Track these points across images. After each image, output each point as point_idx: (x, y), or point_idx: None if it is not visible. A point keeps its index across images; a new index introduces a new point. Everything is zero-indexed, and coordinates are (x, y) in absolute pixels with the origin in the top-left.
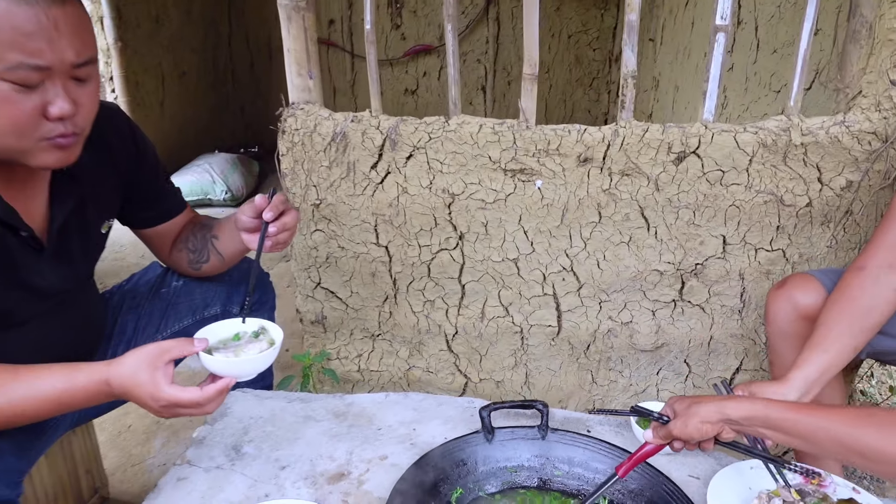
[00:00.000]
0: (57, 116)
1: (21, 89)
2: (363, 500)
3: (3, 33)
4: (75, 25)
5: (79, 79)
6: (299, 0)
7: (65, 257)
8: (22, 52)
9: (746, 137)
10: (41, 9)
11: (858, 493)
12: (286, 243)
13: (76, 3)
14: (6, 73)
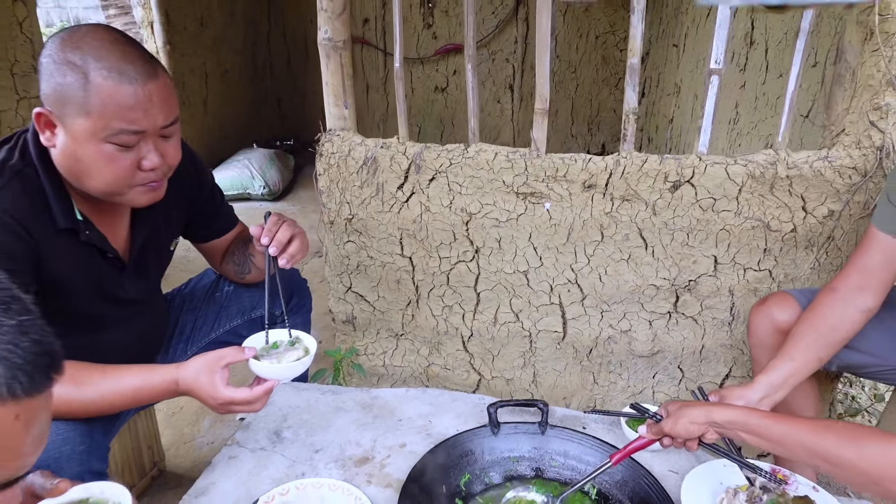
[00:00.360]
0: (149, 168)
1: (122, 149)
2: (384, 481)
3: (109, 108)
4: (164, 95)
5: (165, 136)
6: (337, 41)
7: (142, 273)
8: (123, 121)
9: (736, 169)
10: (139, 85)
11: (817, 491)
12: (298, 253)
13: (165, 75)
14: (111, 137)
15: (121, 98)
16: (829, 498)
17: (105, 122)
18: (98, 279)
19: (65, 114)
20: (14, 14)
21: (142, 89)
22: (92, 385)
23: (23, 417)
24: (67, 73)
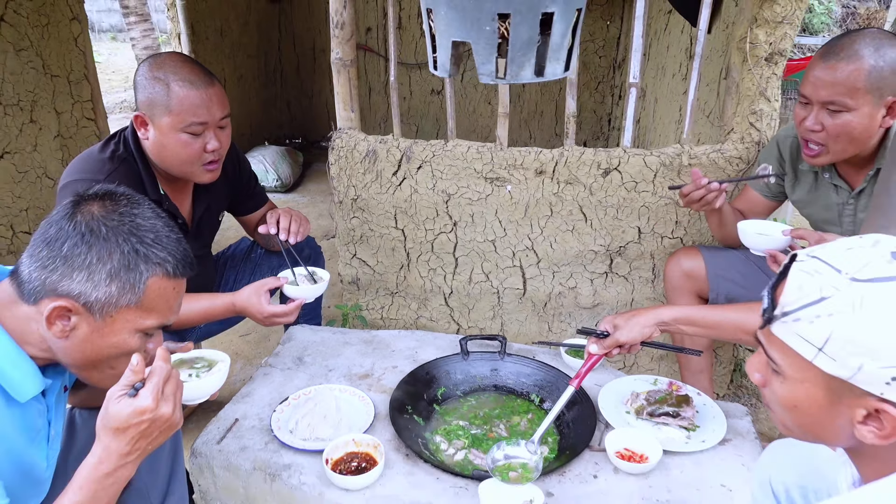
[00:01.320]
0: (211, 151)
1: (193, 137)
2: (380, 389)
3: (184, 106)
4: (220, 97)
5: (221, 127)
6: (345, 60)
7: (199, 235)
8: (194, 115)
9: (652, 159)
10: (203, 90)
11: (699, 395)
12: (300, 231)
13: (218, 83)
14: (186, 128)
15: (192, 100)
16: (707, 399)
17: (182, 117)
18: None
19: (154, 114)
20: (71, 31)
21: (205, 93)
22: None
23: (177, 289)
24: (155, 86)
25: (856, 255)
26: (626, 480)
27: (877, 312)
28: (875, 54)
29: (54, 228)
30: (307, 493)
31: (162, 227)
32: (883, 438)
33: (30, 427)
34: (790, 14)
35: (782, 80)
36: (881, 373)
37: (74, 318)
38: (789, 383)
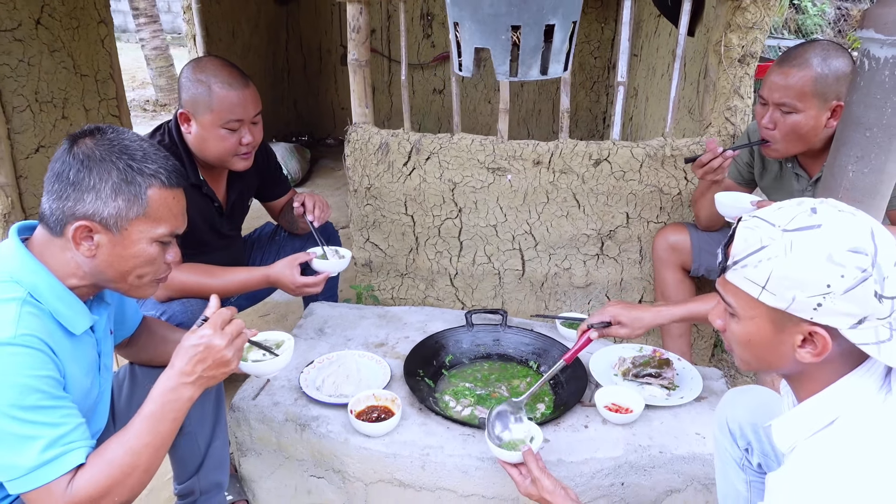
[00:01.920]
0: (246, 144)
1: (230, 132)
2: (395, 355)
3: (223, 105)
4: (254, 97)
5: (254, 122)
6: (361, 61)
7: (232, 218)
8: (232, 113)
9: (638, 151)
10: (240, 91)
11: (679, 360)
12: (324, 213)
13: (253, 85)
14: (225, 124)
15: (230, 100)
16: (686, 363)
17: (222, 114)
18: (210, 218)
19: (197, 112)
20: (98, 33)
21: (242, 93)
22: (218, 277)
23: (176, 199)
24: (199, 86)
25: (785, 212)
26: (613, 430)
27: (802, 254)
28: (822, 63)
29: (58, 163)
30: (334, 440)
31: (148, 147)
32: (817, 356)
33: (84, 358)
34: (760, 20)
35: (756, 79)
36: (809, 301)
37: (97, 237)
38: (743, 322)
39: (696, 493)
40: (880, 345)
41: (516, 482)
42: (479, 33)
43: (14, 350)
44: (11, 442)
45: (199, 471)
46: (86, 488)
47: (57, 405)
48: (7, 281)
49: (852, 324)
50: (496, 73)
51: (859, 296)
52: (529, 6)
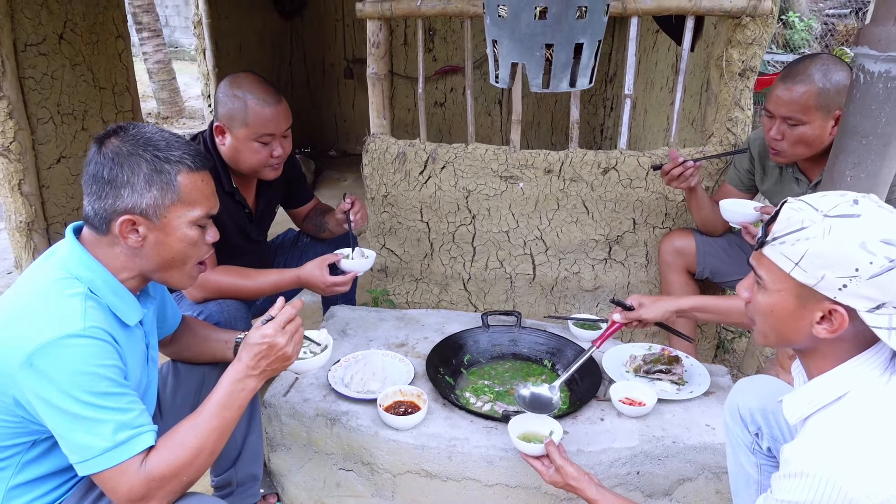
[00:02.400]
0: (277, 157)
1: (263, 145)
2: (416, 355)
3: (258, 121)
4: (286, 112)
5: (285, 136)
6: (380, 74)
7: (261, 223)
8: (265, 128)
9: (644, 160)
10: (273, 107)
11: (687, 357)
12: (363, 220)
13: (284, 101)
14: (258, 138)
15: (265, 115)
16: (694, 360)
17: (256, 129)
18: (241, 223)
19: (232, 126)
20: (116, 48)
21: (275, 109)
22: (252, 279)
23: (205, 180)
24: (235, 102)
25: (829, 199)
26: (628, 422)
27: (839, 238)
28: (823, 78)
29: (92, 165)
30: (364, 433)
31: (169, 136)
32: (832, 333)
33: (136, 349)
34: (759, 37)
35: (754, 92)
36: (836, 281)
37: (141, 229)
38: (770, 293)
39: (708, 481)
40: (891, 331)
41: (540, 472)
42: (516, 50)
43: (84, 342)
44: (85, 425)
45: (235, 463)
46: (159, 467)
47: (124, 392)
48: (68, 277)
49: (871, 307)
50: (530, 86)
51: (883, 283)
52: (562, 27)
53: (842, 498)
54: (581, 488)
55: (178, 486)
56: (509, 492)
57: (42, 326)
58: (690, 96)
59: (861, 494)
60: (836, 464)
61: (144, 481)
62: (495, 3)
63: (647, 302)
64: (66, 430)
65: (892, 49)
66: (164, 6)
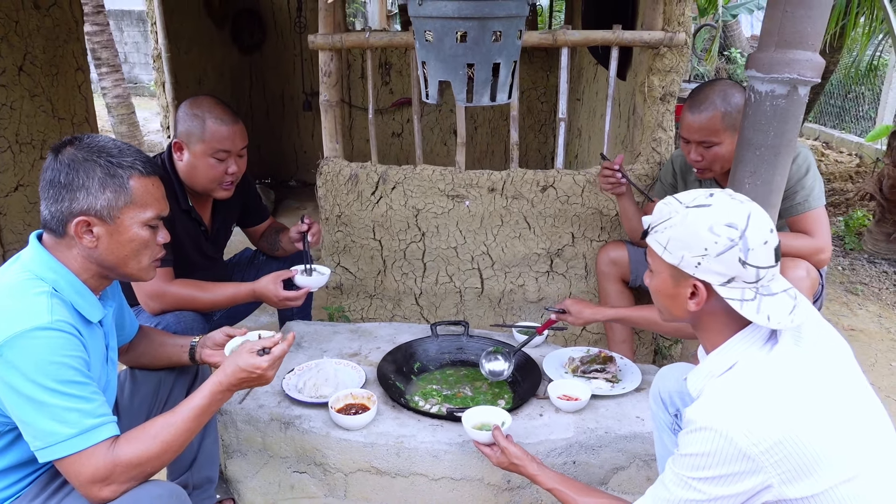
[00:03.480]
0: (231, 174)
1: (218, 162)
2: (368, 363)
3: (213, 138)
4: (241, 132)
5: (240, 155)
6: (332, 101)
7: (216, 241)
8: (221, 144)
9: (580, 177)
10: (229, 126)
11: (621, 358)
12: (318, 240)
13: (241, 122)
14: (213, 154)
15: (221, 133)
16: (628, 361)
17: (212, 145)
18: (197, 240)
19: (190, 142)
20: (75, 80)
21: (231, 128)
22: (209, 291)
23: (155, 185)
24: (194, 120)
25: (691, 194)
26: (565, 417)
27: (693, 223)
28: (724, 102)
29: (48, 172)
30: (316, 434)
31: (122, 144)
32: (697, 305)
33: (97, 347)
34: (676, 65)
35: (676, 116)
36: (692, 260)
37: (95, 229)
38: (655, 276)
39: (639, 469)
40: (743, 302)
41: (489, 456)
42: (442, 70)
43: (51, 333)
44: (51, 412)
45: (192, 466)
46: (128, 454)
47: (88, 382)
48: (32, 278)
49: (722, 281)
50: (456, 100)
51: (727, 259)
52: (481, 49)
53: (733, 447)
54: (522, 466)
55: (140, 474)
56: (455, 485)
57: (10, 321)
58: (624, 120)
59: (748, 443)
60: (727, 418)
61: (111, 465)
62: (422, 28)
63: (572, 309)
64: (31, 417)
65: (774, 71)
66: (124, 43)
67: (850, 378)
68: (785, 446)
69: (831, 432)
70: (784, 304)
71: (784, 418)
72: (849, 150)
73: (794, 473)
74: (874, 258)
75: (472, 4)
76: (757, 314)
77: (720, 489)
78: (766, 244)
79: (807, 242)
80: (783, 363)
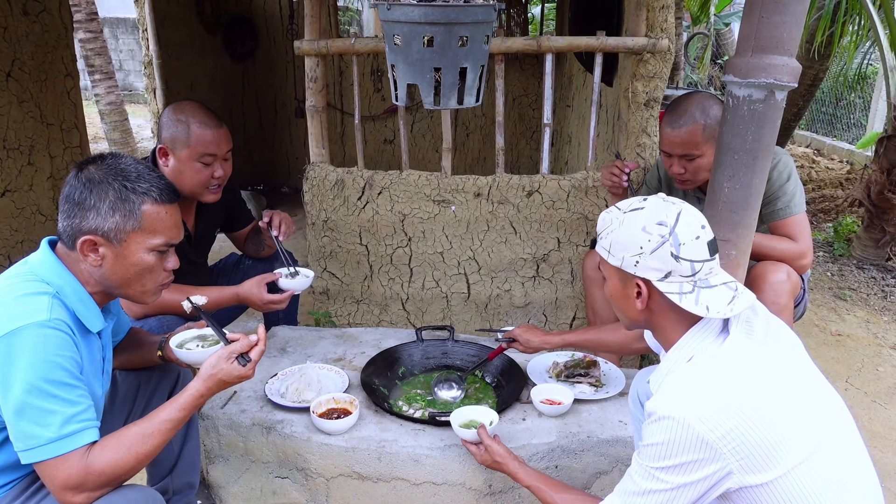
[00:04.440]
0: (217, 177)
1: (204, 166)
2: (352, 367)
3: (199, 142)
4: (227, 136)
5: (226, 159)
6: (318, 107)
7: (200, 246)
8: (206, 149)
9: (565, 182)
10: (214, 130)
11: (605, 363)
12: (289, 229)
13: (225, 126)
14: (200, 158)
15: (206, 137)
16: (612, 365)
17: (197, 150)
18: (180, 245)
19: (175, 147)
20: (65, 86)
21: (216, 132)
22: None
23: (169, 213)
24: (178, 125)
25: (629, 201)
26: (547, 421)
27: (628, 226)
28: (703, 115)
29: (68, 187)
30: (297, 439)
31: (143, 169)
32: (643, 304)
33: (93, 358)
34: (659, 71)
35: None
36: (631, 259)
37: (101, 249)
38: (608, 282)
39: (622, 473)
40: (682, 295)
41: (475, 454)
42: (410, 73)
43: (47, 331)
44: (35, 414)
45: (172, 471)
46: (101, 463)
47: (77, 385)
48: (37, 281)
49: (660, 277)
50: (423, 103)
51: (661, 255)
52: (447, 53)
53: (691, 433)
54: (505, 464)
55: (113, 482)
56: (436, 489)
57: (8, 317)
58: (610, 126)
59: (705, 429)
60: (683, 406)
61: (83, 473)
62: (391, 32)
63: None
64: (15, 417)
65: (750, 76)
66: (119, 51)
67: (799, 365)
68: (741, 431)
69: (785, 416)
70: (722, 295)
71: (738, 404)
72: (840, 157)
73: (753, 459)
74: (863, 264)
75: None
76: (696, 305)
77: (682, 477)
78: (698, 239)
79: (790, 246)
80: (735, 353)
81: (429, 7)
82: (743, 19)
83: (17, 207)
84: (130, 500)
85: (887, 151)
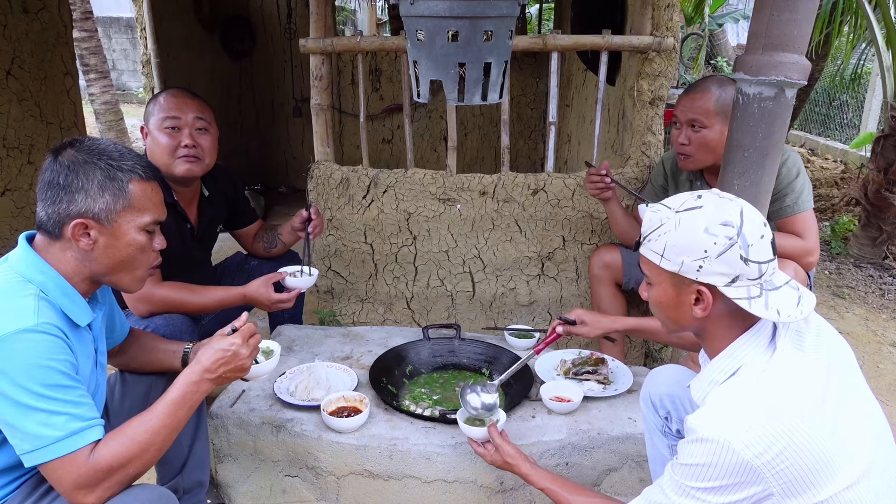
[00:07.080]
0: (184, 144)
1: (171, 132)
2: (360, 366)
3: (163, 108)
4: (197, 105)
5: (198, 129)
6: (323, 105)
7: (202, 241)
8: (169, 112)
9: (570, 181)
10: (180, 98)
11: (613, 360)
12: (321, 231)
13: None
14: (163, 125)
15: (169, 103)
16: (619, 363)
17: (161, 116)
18: (183, 237)
19: (149, 122)
20: (64, 84)
21: (180, 99)
22: (199, 294)
23: (154, 190)
24: (153, 103)
25: (679, 198)
26: (557, 418)
27: (687, 227)
28: (719, 89)
29: (47, 173)
30: (308, 437)
31: (122, 148)
32: (704, 311)
33: (86, 351)
34: (664, 69)
35: (665, 124)
36: (693, 264)
37: (92, 232)
38: (654, 287)
39: (631, 470)
40: (751, 300)
41: (483, 455)
42: (434, 69)
43: (37, 336)
44: (39, 416)
45: (182, 470)
46: (107, 458)
47: (75, 385)
48: (20, 280)
49: (727, 282)
50: (447, 99)
51: (729, 258)
52: (472, 48)
53: (734, 458)
54: (516, 465)
55: (124, 478)
56: (447, 487)
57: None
58: (613, 125)
59: (750, 455)
60: (728, 430)
61: (91, 471)
62: (414, 28)
63: (588, 319)
64: (18, 420)
65: (761, 74)
66: (112, 50)
67: (850, 382)
68: (786, 456)
69: (833, 439)
70: (790, 296)
71: (784, 428)
72: (834, 156)
73: (796, 484)
74: (860, 262)
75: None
76: (766, 310)
77: (720, 497)
78: (763, 238)
79: (797, 243)
80: (784, 369)
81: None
82: (753, 17)
83: (16, 207)
84: (143, 500)
85: (884, 151)
